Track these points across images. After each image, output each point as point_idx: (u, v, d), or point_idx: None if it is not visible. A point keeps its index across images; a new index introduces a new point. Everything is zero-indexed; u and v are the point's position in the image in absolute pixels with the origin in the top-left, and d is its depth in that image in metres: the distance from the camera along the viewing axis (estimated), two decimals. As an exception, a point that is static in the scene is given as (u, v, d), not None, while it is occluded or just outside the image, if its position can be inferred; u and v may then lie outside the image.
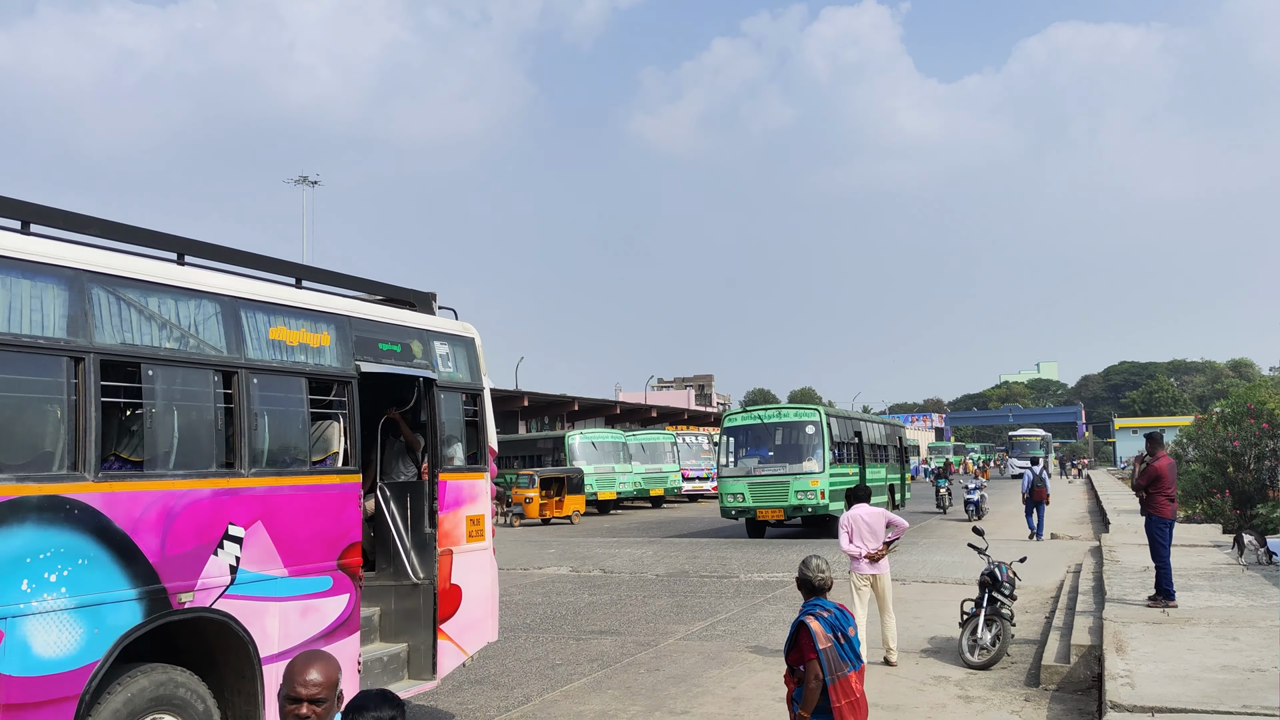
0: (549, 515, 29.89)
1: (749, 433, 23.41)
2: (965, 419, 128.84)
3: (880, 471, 26.81)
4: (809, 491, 21.62)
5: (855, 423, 25.82)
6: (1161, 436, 11.96)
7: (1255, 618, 10.16)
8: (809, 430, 22.43)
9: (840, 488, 19.86)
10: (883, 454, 27.67)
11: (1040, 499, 22.01)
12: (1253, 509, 23.00)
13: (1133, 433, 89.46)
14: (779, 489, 21.93)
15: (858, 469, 24.17)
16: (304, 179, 56.92)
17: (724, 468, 23.14)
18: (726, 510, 22.85)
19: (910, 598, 13.75)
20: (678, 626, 11.88)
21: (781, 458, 22.51)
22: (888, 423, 31.08)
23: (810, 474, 21.83)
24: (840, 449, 23.11)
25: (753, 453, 22.99)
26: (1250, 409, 24.85)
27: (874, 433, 27.25)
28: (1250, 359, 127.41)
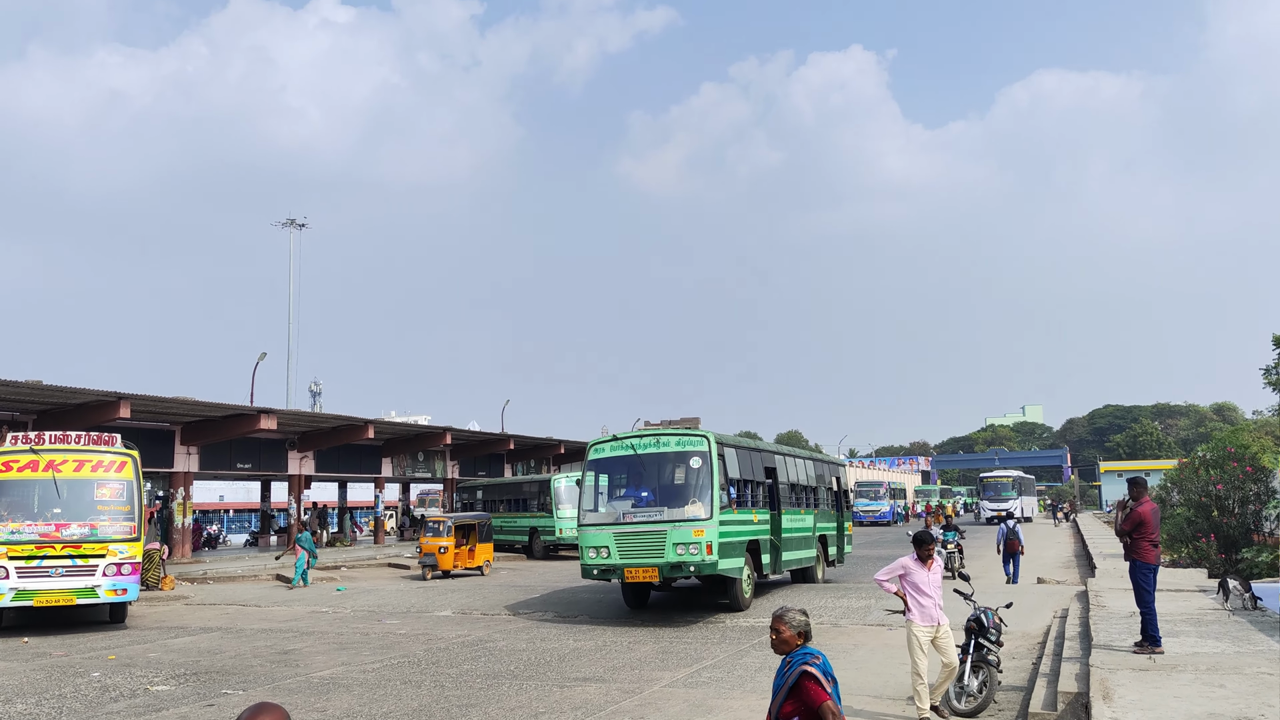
0: (460, 566, 26.95)
1: (619, 467, 17.43)
2: (951, 462, 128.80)
3: (804, 519, 21.49)
4: (692, 545, 15.93)
5: (766, 455, 20.17)
6: (1145, 480, 11.96)
7: (1242, 664, 10.13)
8: (693, 464, 16.60)
9: (738, 539, 17.00)
10: (808, 497, 22.27)
11: (1015, 551, 21.96)
12: (1238, 553, 23.03)
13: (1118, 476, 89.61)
14: (653, 542, 16.17)
15: (769, 515, 19.22)
16: (291, 221, 57.02)
17: (586, 513, 17.21)
18: (587, 569, 16.83)
19: (897, 643, 13.66)
20: (663, 673, 11.75)
21: (660, 500, 16.77)
22: (818, 458, 24.74)
23: (693, 521, 16.07)
24: (743, 489, 17.81)
25: (625, 493, 17.37)
26: (1232, 453, 24.97)
27: (795, 470, 21.73)
28: (1234, 403, 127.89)
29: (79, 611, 17.41)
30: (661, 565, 16.11)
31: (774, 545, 19.33)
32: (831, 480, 24.51)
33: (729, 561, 16.46)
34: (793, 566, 20.53)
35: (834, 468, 25.35)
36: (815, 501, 22.62)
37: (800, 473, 21.99)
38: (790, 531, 20.21)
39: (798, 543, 20.67)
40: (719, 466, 16.54)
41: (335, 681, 11.64)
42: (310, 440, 34.89)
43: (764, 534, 18.61)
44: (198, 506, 43.28)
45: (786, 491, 20.49)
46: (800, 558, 20.90)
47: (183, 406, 28.03)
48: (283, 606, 20.20)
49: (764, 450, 20.38)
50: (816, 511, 22.52)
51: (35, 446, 16.88)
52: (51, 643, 15.27)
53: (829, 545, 23.32)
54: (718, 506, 16.22)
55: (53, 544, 16.29)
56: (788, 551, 19.94)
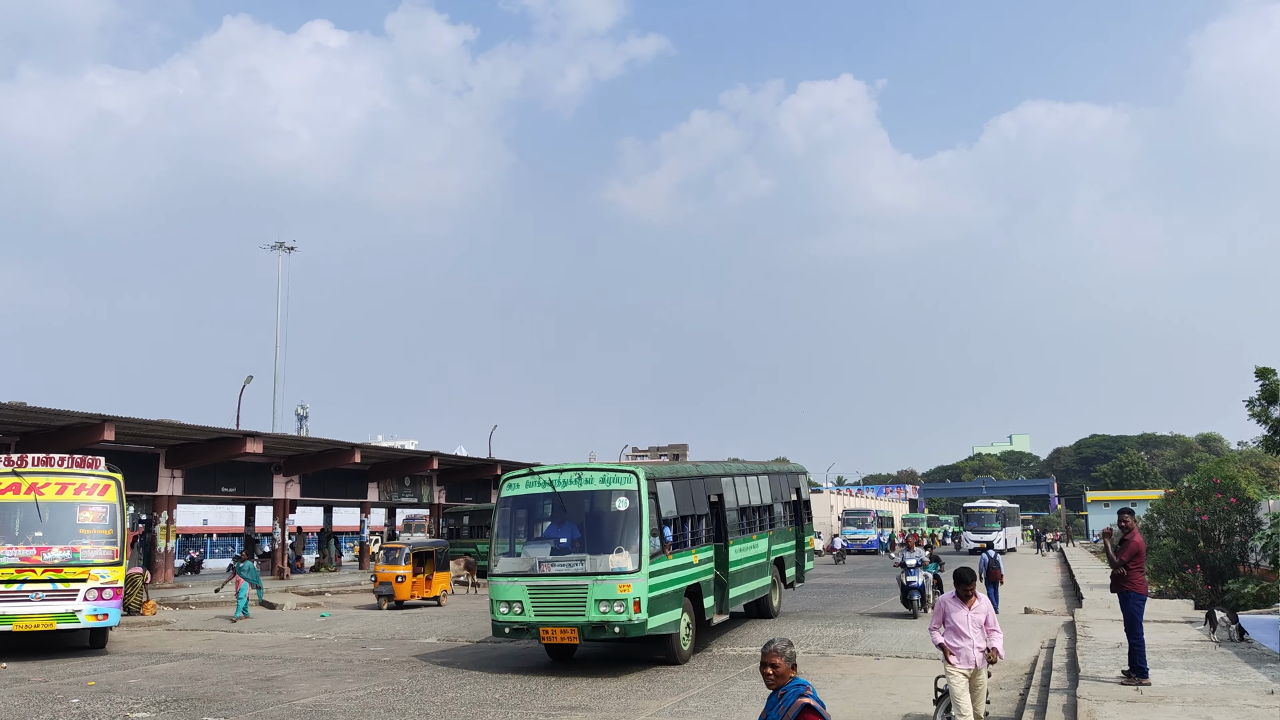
0: (417, 595, 25.72)
1: (536, 507, 15.01)
2: (939, 491, 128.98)
3: (755, 545, 18.93)
4: (617, 602, 13.49)
5: (710, 482, 17.20)
6: (1133, 510, 12.00)
7: (1229, 696, 10.12)
8: (619, 505, 14.10)
9: (674, 588, 14.48)
10: (761, 518, 19.61)
11: (995, 580, 21.67)
12: (1224, 584, 23.08)
13: (1104, 505, 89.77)
14: (572, 597, 13.76)
15: (712, 551, 16.42)
16: (280, 244, 56.96)
17: (498, 559, 14.59)
18: (497, 627, 14.30)
19: (884, 673, 13.62)
20: (649, 702, 11.68)
21: (582, 547, 14.28)
22: (774, 471, 21.93)
23: (619, 575, 13.60)
24: (683, 526, 15.36)
25: (543, 538, 14.87)
26: (1218, 484, 25.08)
27: (746, 490, 19.01)
28: (1219, 434, 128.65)
29: (59, 636, 17.21)
30: (582, 625, 13.61)
31: (719, 584, 16.84)
32: (790, 491, 22.14)
33: (662, 617, 14.02)
34: (744, 601, 18.11)
35: (792, 478, 22.80)
36: (770, 521, 20.09)
37: (752, 492, 19.28)
38: (740, 564, 17.70)
39: (749, 574, 18.23)
40: (650, 508, 14.07)
41: (319, 709, 11.52)
42: (296, 464, 34.70)
43: (706, 574, 16.04)
44: (181, 530, 42.94)
45: (735, 518, 17.90)
46: (752, 590, 18.47)
47: (168, 429, 27.85)
48: (265, 633, 20.02)
49: (708, 476, 17.25)
50: (772, 532, 20.05)
51: (17, 469, 16.74)
52: (30, 668, 15.09)
53: (786, 567, 21.22)
54: (647, 556, 13.70)
55: (33, 568, 16.13)
56: (737, 587, 17.51)
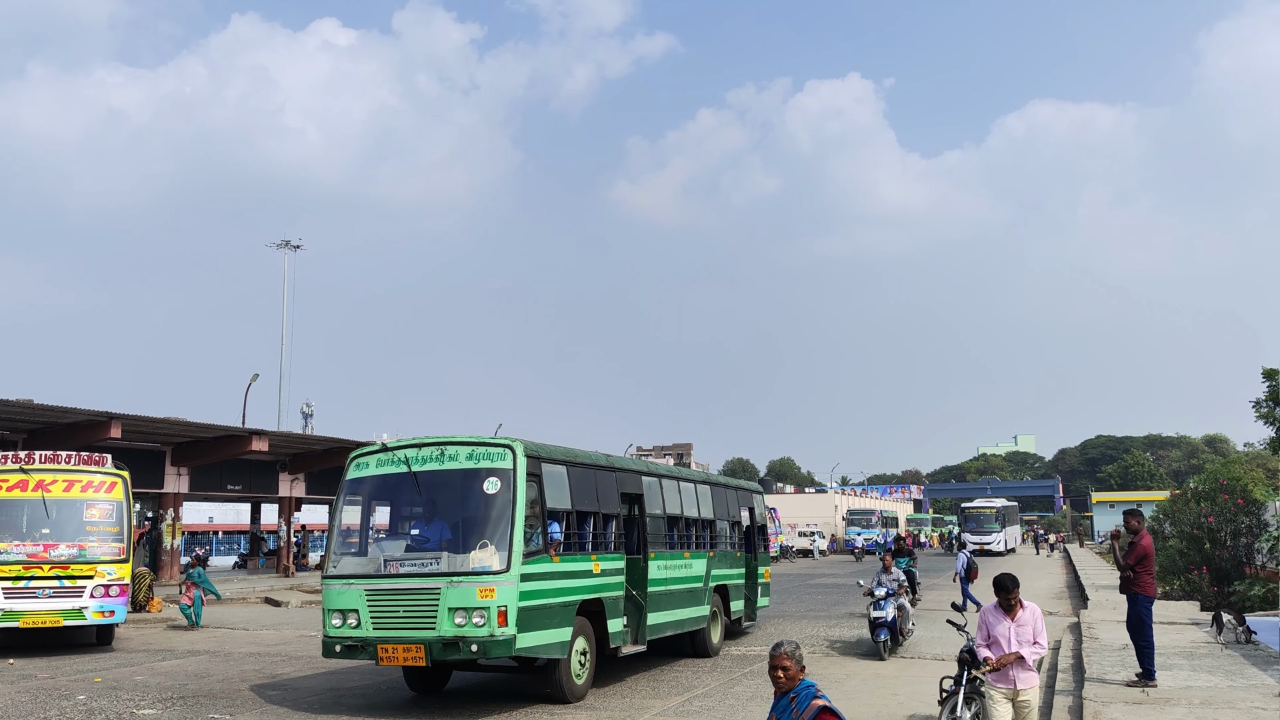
0: None
1: (389, 491, 12.07)
2: (943, 491, 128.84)
3: (689, 566, 15.20)
4: (476, 611, 10.44)
5: (624, 476, 13.84)
6: (1142, 513, 11.97)
7: (1235, 699, 10.11)
8: (489, 487, 11.06)
9: (562, 599, 11.32)
10: (700, 535, 16.04)
11: (973, 578, 22.76)
12: (1230, 586, 23.03)
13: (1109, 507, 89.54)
14: (421, 606, 10.70)
15: (623, 564, 13.16)
16: (286, 243, 57.03)
17: (335, 559, 11.65)
18: (328, 645, 11.22)
19: (889, 674, 13.61)
20: (654, 701, 11.68)
21: (439, 542, 11.27)
22: (718, 482, 18.28)
23: (480, 576, 10.58)
24: (582, 524, 12.44)
25: (394, 530, 12.22)
26: (1224, 485, 25.02)
27: (679, 497, 15.52)
28: (1225, 435, 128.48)
29: (66, 633, 17.26)
30: (431, 641, 10.41)
31: (634, 605, 13.41)
32: (740, 511, 18.31)
33: (538, 635, 10.85)
34: (669, 631, 14.29)
35: (744, 495, 18.92)
36: (712, 540, 16.48)
37: (688, 502, 15.79)
38: (665, 584, 14.16)
39: (677, 599, 14.58)
40: (529, 493, 11.03)
41: (326, 706, 11.55)
42: (302, 462, 34.78)
43: (613, 589, 12.74)
44: (186, 528, 43.04)
45: (661, 528, 14.48)
46: (681, 619, 14.67)
47: (174, 427, 27.94)
48: (271, 630, 20.06)
49: (622, 470, 13.91)
50: (713, 554, 16.27)
51: (25, 466, 16.80)
52: (37, 664, 15.13)
53: (732, 598, 17.06)
54: (520, 552, 10.58)
55: (40, 564, 16.18)
56: (659, 612, 13.92)
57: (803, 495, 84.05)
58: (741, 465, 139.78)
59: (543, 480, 11.50)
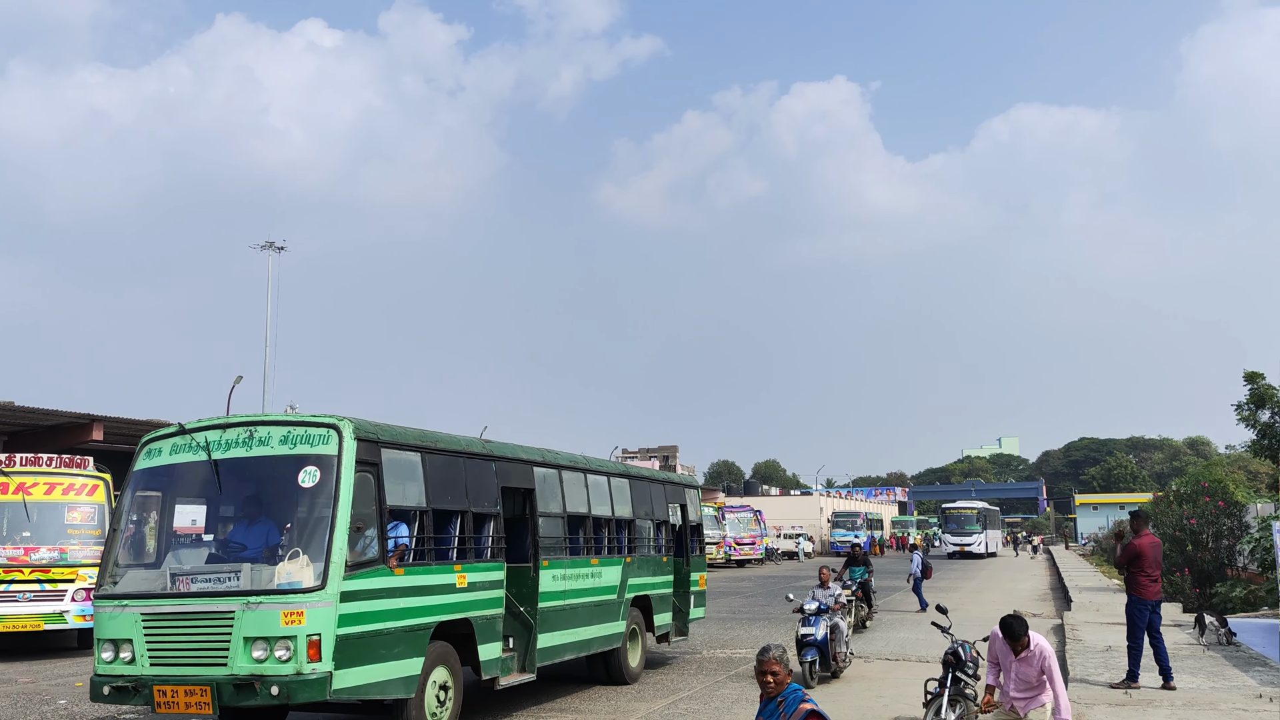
0: None
1: (184, 485, 9.58)
2: (928, 493, 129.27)
3: (597, 574, 12.82)
4: (279, 642, 8.06)
5: (507, 468, 11.18)
6: (1145, 514, 12.06)
7: (1217, 700, 10.18)
8: (305, 479, 8.73)
9: (399, 624, 8.87)
10: (612, 538, 13.48)
11: (928, 577, 24.07)
12: (1212, 588, 23.19)
13: (1093, 509, 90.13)
14: (208, 634, 8.28)
15: (501, 575, 10.60)
16: (270, 244, 56.73)
17: (110, 573, 9.13)
18: (96, 686, 8.60)
19: (874, 676, 13.65)
20: (639, 705, 11.67)
21: (238, 550, 8.92)
22: (640, 475, 15.38)
23: (286, 595, 8.20)
24: (443, 527, 9.95)
25: (186, 535, 9.85)
26: (1206, 487, 25.20)
27: (585, 493, 12.98)
28: (1207, 437, 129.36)
29: (47, 637, 17.12)
30: (220, 682, 8.00)
31: (521, 623, 11.18)
32: (668, 508, 15.45)
33: (370, 670, 8.49)
34: (568, 655, 11.96)
35: (674, 490, 16.09)
36: (631, 543, 13.91)
37: (596, 498, 13.21)
38: (563, 598, 11.76)
39: (581, 614, 12.23)
40: (359, 486, 8.65)
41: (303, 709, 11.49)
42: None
43: (487, 605, 10.30)
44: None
45: (558, 529, 12.10)
46: (586, 639, 12.37)
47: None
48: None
49: (503, 458, 11.13)
50: (630, 559, 13.74)
51: (5, 468, 16.67)
52: (18, 669, 15.01)
53: (656, 611, 14.48)
54: (341, 563, 8.24)
55: (21, 568, 16.05)
56: (555, 631, 11.55)
57: (788, 497, 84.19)
58: (727, 467, 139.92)
59: (382, 470, 8.96)
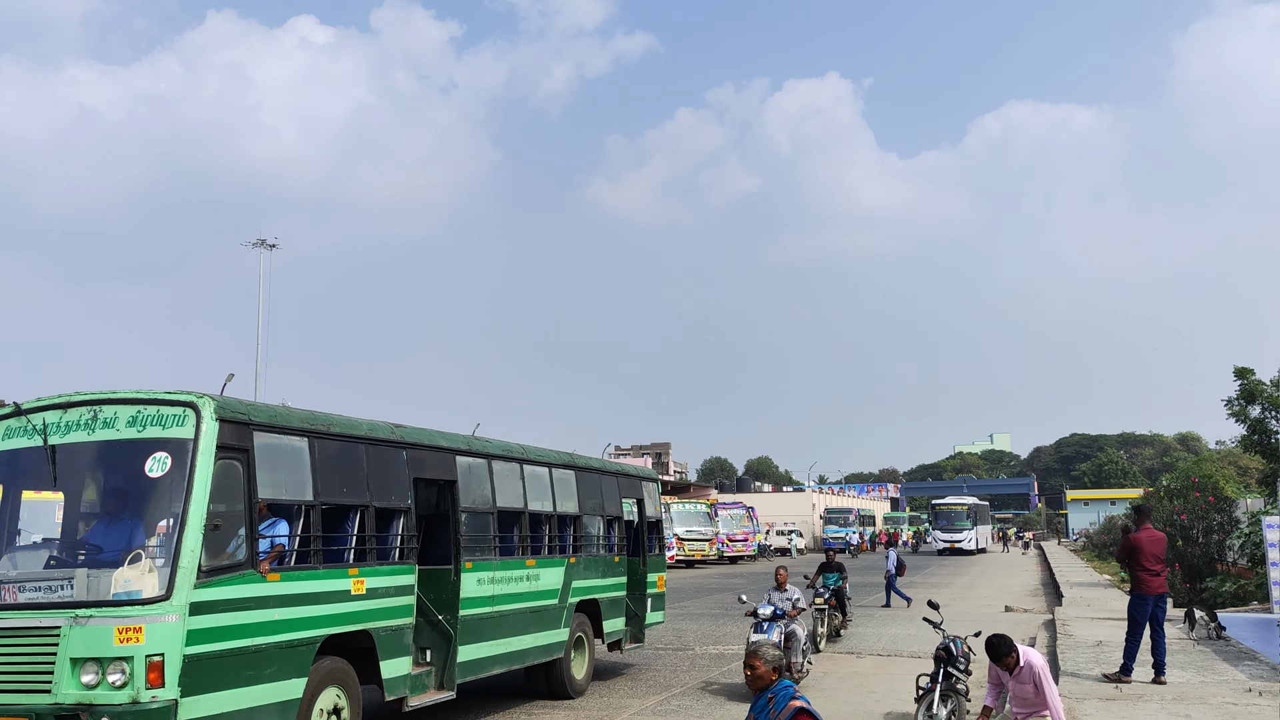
0: None
1: (18, 474, 7.91)
2: (920, 489, 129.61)
3: (533, 577, 11.29)
4: (114, 664, 6.56)
5: (420, 455, 9.73)
6: (1147, 508, 12.10)
7: (1207, 694, 10.22)
8: (150, 469, 7.22)
9: (268, 640, 7.53)
10: (556, 534, 12.09)
11: (902, 573, 24.90)
12: (1202, 583, 23.28)
13: (1084, 505, 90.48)
14: (30, 655, 6.74)
15: (411, 579, 9.31)
16: (262, 242, 56.56)
17: None
18: None
19: (865, 671, 13.68)
20: (632, 700, 11.68)
21: (76, 551, 7.64)
22: (586, 466, 13.47)
23: (122, 608, 6.75)
24: (339, 523, 8.64)
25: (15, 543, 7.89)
26: (1196, 482, 25.32)
27: (520, 485, 11.46)
28: (1197, 433, 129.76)
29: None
30: (40, 713, 6.65)
31: (439, 633, 9.76)
32: (619, 503, 13.89)
33: (230, 695, 7.18)
34: (498, 668, 10.55)
35: (629, 483, 14.49)
36: (576, 542, 12.38)
37: (533, 490, 11.59)
38: (488, 603, 10.28)
39: (512, 622, 10.70)
40: (220, 475, 7.37)
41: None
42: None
43: (393, 615, 8.91)
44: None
45: (486, 526, 10.65)
46: (518, 650, 10.89)
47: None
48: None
49: (416, 445, 9.65)
50: (574, 560, 12.22)
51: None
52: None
53: (606, 616, 12.96)
54: (192, 568, 6.95)
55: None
56: (480, 642, 10.14)
57: (781, 494, 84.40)
58: (720, 464, 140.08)
59: (254, 457, 7.64)
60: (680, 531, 42.61)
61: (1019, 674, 7.56)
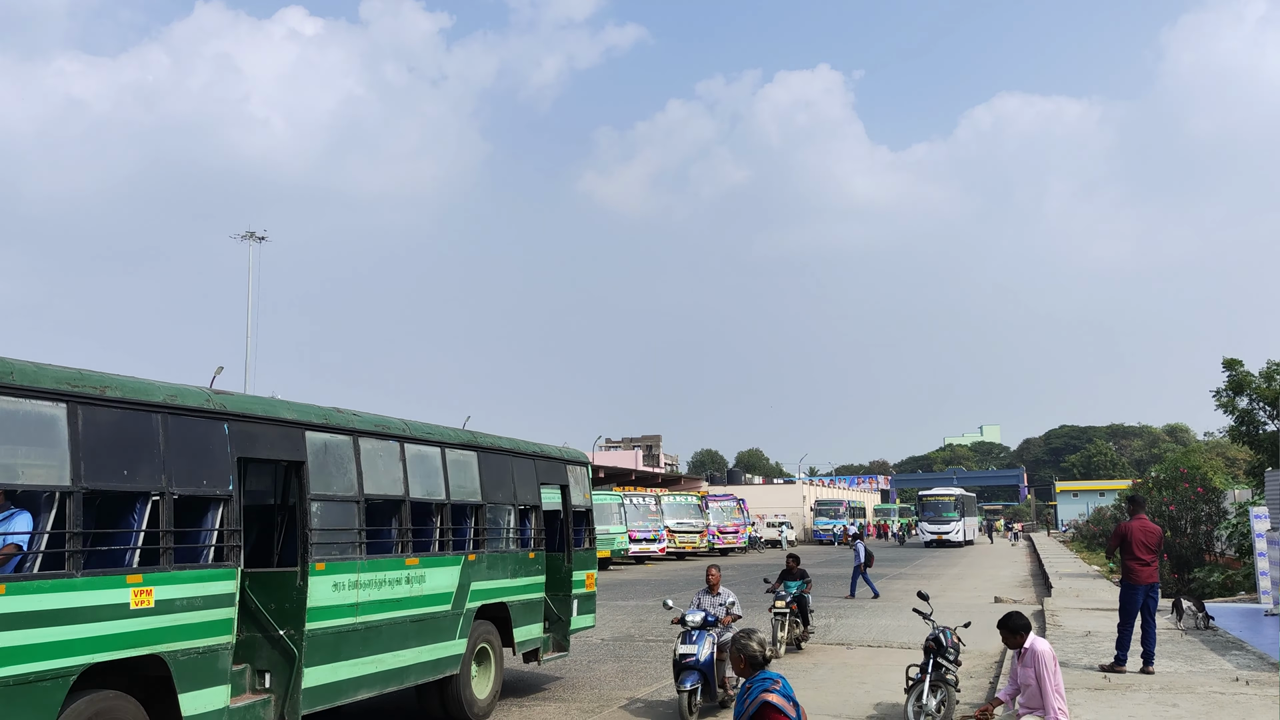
0: None
1: None
2: (910, 481, 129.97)
3: (419, 579, 9.43)
4: None
5: (245, 430, 7.53)
6: (1142, 499, 12.13)
7: (1194, 684, 10.29)
8: None
9: None
10: (452, 527, 10.13)
11: (870, 564, 24.62)
12: (1190, 573, 23.41)
13: (1073, 495, 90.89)
14: None
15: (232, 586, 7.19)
16: (251, 234, 56.38)
17: None
18: None
19: (856, 662, 13.72)
20: (622, 693, 11.69)
21: None
22: (494, 447, 11.25)
23: None
24: (117, 516, 6.60)
25: None
26: (1185, 473, 25.45)
27: (397, 466, 9.44)
28: (1186, 424, 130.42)
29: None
30: None
31: (280, 652, 7.85)
32: (539, 492, 11.94)
33: None
34: (366, 691, 8.67)
35: (548, 466, 12.40)
36: (478, 536, 10.47)
37: (416, 474, 9.66)
38: (350, 613, 8.44)
39: (386, 635, 8.87)
40: None
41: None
42: None
43: (202, 633, 6.93)
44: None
45: (349, 518, 8.70)
46: (396, 669, 9.03)
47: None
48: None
49: (243, 417, 7.58)
50: (475, 557, 10.29)
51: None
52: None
53: (517, 623, 11.05)
54: None
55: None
56: (339, 661, 8.28)
57: (771, 486, 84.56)
58: (711, 456, 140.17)
59: None
60: (671, 524, 42.81)
61: (1023, 657, 7.56)
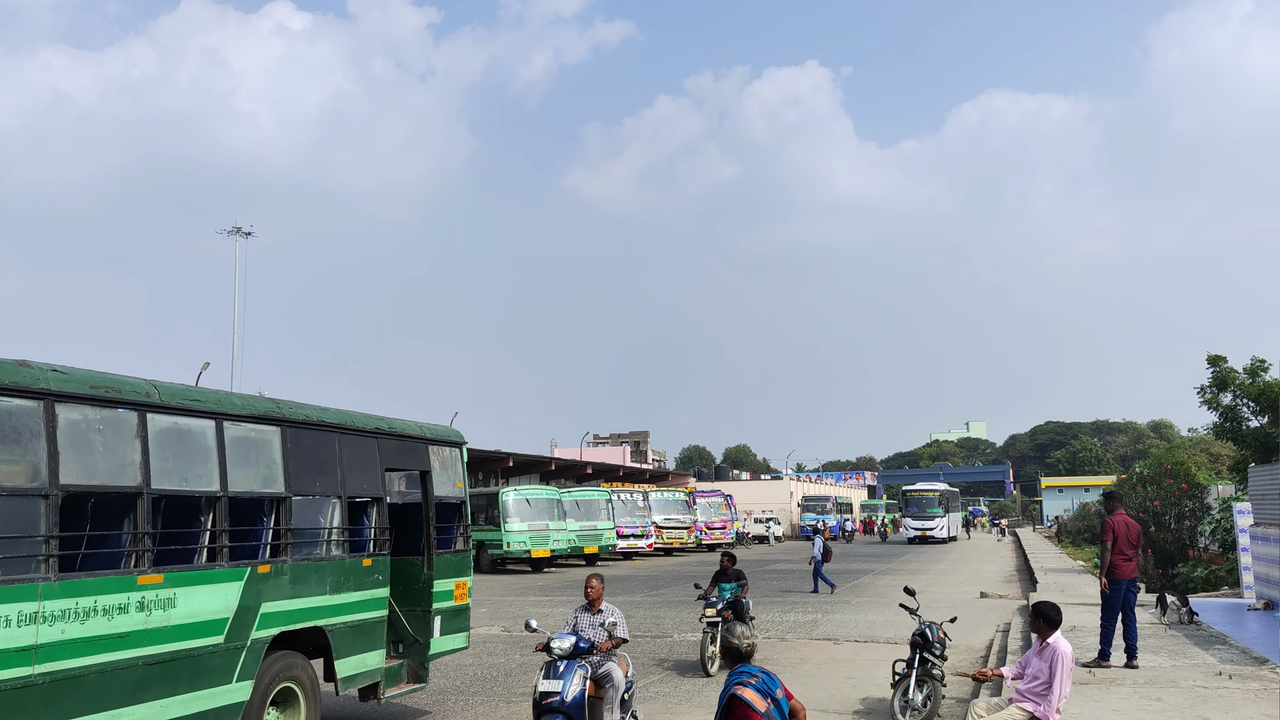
0: None
1: None
2: (897, 477, 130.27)
3: (170, 601, 6.56)
4: None
5: None
6: (1118, 494, 12.21)
7: (1178, 678, 10.36)
8: None
9: None
10: (250, 528, 7.69)
11: (829, 560, 24.87)
12: (1174, 568, 23.57)
13: (1058, 491, 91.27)
14: None
15: None
16: (237, 230, 56.10)
17: None
18: None
19: (843, 657, 13.77)
20: None
21: None
22: (302, 419, 8.28)
23: None
24: None
25: None
26: (1169, 469, 25.61)
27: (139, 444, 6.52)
28: (1170, 420, 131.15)
29: None
30: None
31: None
32: (381, 480, 9.34)
33: None
34: None
35: (404, 446, 9.85)
36: (278, 538, 7.88)
37: (181, 457, 7.08)
38: (26, 661, 5.48)
39: (96, 689, 5.98)
40: None
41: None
42: None
43: None
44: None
45: (30, 520, 5.80)
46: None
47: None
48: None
49: None
50: (269, 568, 7.61)
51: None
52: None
53: (341, 654, 8.44)
54: None
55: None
56: None
57: (759, 482, 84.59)
58: (698, 452, 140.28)
59: None
60: (659, 520, 42.93)
61: (1042, 650, 7.52)
